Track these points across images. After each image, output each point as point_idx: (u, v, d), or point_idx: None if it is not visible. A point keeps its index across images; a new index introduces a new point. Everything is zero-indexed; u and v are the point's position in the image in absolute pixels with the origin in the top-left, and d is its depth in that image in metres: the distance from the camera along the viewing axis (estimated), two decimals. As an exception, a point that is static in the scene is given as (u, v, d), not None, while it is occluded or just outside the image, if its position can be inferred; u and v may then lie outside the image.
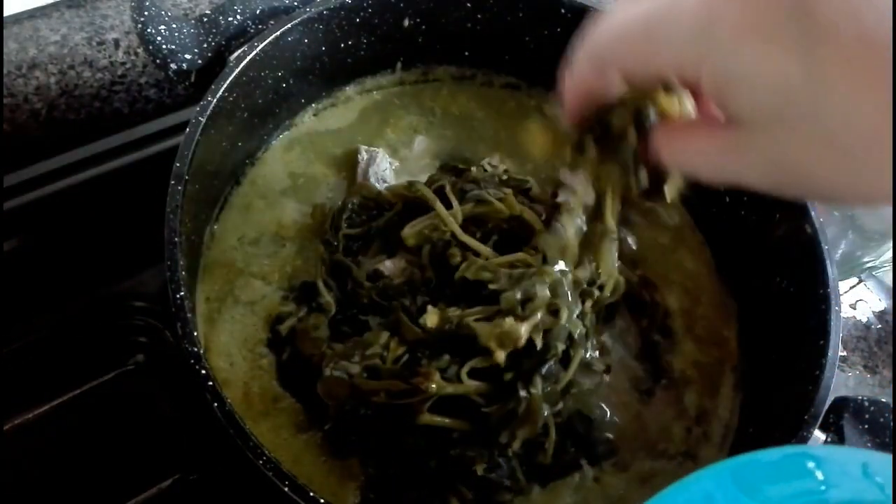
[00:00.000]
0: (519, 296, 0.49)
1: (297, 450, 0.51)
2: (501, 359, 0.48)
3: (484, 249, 0.54)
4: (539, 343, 0.49)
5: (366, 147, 0.63)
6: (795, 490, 0.28)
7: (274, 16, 0.58)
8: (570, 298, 0.51)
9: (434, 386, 0.48)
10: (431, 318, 0.49)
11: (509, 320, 0.48)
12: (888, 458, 0.30)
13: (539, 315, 0.50)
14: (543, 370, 0.50)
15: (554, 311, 0.50)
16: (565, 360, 0.51)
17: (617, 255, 0.54)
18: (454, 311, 0.50)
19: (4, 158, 0.66)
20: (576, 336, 0.51)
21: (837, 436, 0.49)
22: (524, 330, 0.48)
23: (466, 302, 0.51)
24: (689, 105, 0.39)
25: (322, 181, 0.63)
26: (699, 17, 0.30)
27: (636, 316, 0.60)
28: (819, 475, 0.29)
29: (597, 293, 0.55)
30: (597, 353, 0.55)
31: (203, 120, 0.50)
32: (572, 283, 0.52)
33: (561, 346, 0.50)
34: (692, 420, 0.57)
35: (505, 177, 0.61)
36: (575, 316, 0.51)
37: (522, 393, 0.49)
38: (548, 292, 0.50)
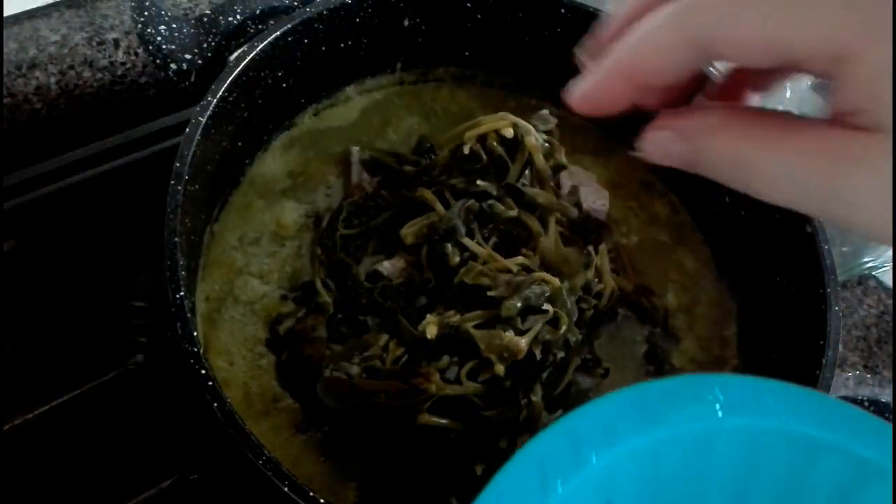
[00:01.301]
0: (519, 304, 0.49)
1: (297, 450, 0.51)
2: (501, 371, 0.49)
3: (483, 251, 0.54)
4: (539, 354, 0.49)
5: (357, 148, 0.63)
6: (693, 414, 0.29)
7: (274, 16, 0.58)
8: (569, 306, 0.51)
9: (434, 387, 0.48)
10: (431, 330, 0.50)
11: (509, 334, 0.49)
12: (786, 385, 0.30)
13: (539, 326, 0.50)
14: (543, 377, 0.50)
15: (553, 322, 0.50)
16: (563, 367, 0.52)
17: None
18: (453, 317, 0.51)
19: (4, 158, 0.66)
20: (572, 343, 0.51)
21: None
22: (524, 343, 0.48)
23: (466, 304, 0.52)
24: None
25: (322, 181, 0.63)
26: None
27: (641, 322, 0.60)
28: (718, 401, 0.29)
29: (593, 301, 0.56)
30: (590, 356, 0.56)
31: (203, 120, 0.50)
32: (570, 290, 0.52)
33: (560, 354, 0.51)
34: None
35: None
36: (573, 324, 0.52)
37: (523, 401, 0.49)
38: (548, 305, 0.50)
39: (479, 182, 0.57)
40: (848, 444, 0.30)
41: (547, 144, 0.59)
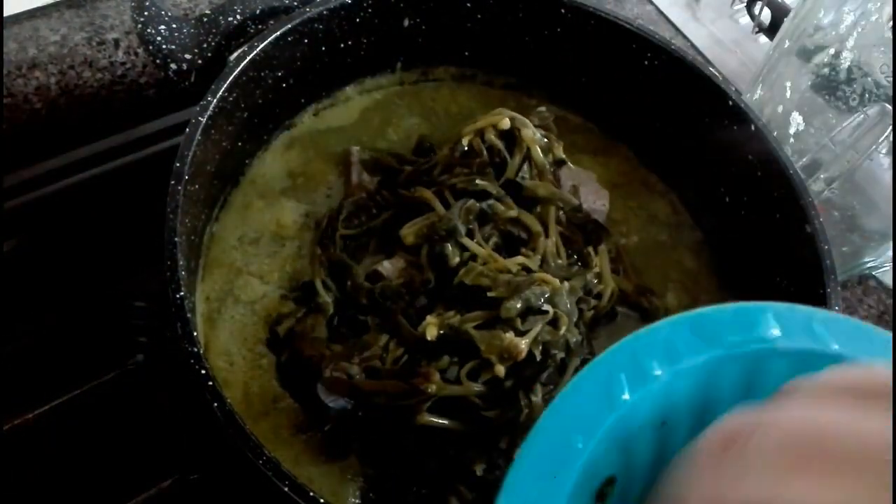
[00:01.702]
0: (519, 305, 0.49)
1: (297, 450, 0.51)
2: (502, 372, 0.49)
3: (483, 252, 0.54)
4: (539, 355, 0.49)
5: (357, 148, 0.63)
6: (748, 338, 0.30)
7: (274, 16, 0.58)
8: (568, 307, 0.51)
9: (434, 387, 0.48)
10: (431, 331, 0.50)
11: (509, 335, 0.49)
12: (833, 315, 0.32)
13: (539, 327, 0.50)
14: (543, 377, 0.50)
15: (553, 323, 0.50)
16: (562, 367, 0.52)
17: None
18: (453, 317, 0.51)
19: (4, 158, 0.66)
20: (572, 344, 0.51)
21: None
22: (524, 345, 0.48)
23: (465, 304, 0.52)
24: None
25: (322, 180, 0.63)
26: None
27: (641, 321, 0.60)
28: (772, 327, 0.31)
29: (593, 301, 0.56)
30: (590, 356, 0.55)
31: (203, 120, 0.50)
32: (570, 291, 0.52)
33: (560, 355, 0.51)
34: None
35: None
36: (573, 325, 0.52)
37: (523, 401, 0.49)
38: (549, 306, 0.50)
39: (478, 181, 0.57)
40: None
41: (545, 140, 0.59)
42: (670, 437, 0.31)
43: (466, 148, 0.59)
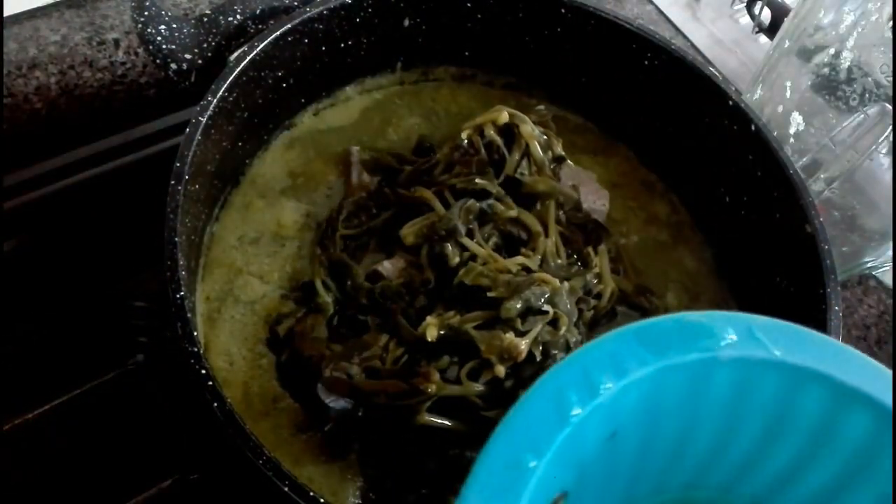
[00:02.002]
0: (519, 305, 0.49)
1: (297, 450, 0.51)
2: (502, 372, 0.49)
3: (483, 252, 0.54)
4: (539, 355, 0.49)
5: (357, 148, 0.63)
6: (692, 347, 0.31)
7: (274, 16, 0.58)
8: (568, 307, 0.51)
9: (434, 387, 0.48)
10: (431, 332, 0.50)
11: (509, 336, 0.49)
12: (772, 321, 0.33)
13: (539, 327, 0.50)
14: (543, 376, 0.50)
15: (553, 323, 0.50)
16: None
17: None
18: (453, 317, 0.51)
19: (4, 158, 0.66)
20: (572, 344, 0.51)
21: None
22: (524, 345, 0.48)
23: (465, 305, 0.52)
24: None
25: (322, 180, 0.63)
26: None
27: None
28: (714, 336, 0.31)
29: (593, 302, 0.56)
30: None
31: (203, 120, 0.50)
32: (570, 291, 0.52)
33: (560, 355, 0.51)
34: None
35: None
36: (572, 325, 0.52)
37: None
38: (548, 307, 0.50)
39: (477, 180, 0.57)
40: (833, 374, 0.32)
41: (544, 137, 0.59)
42: (620, 447, 0.32)
43: (466, 143, 0.59)
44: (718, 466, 0.35)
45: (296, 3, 0.59)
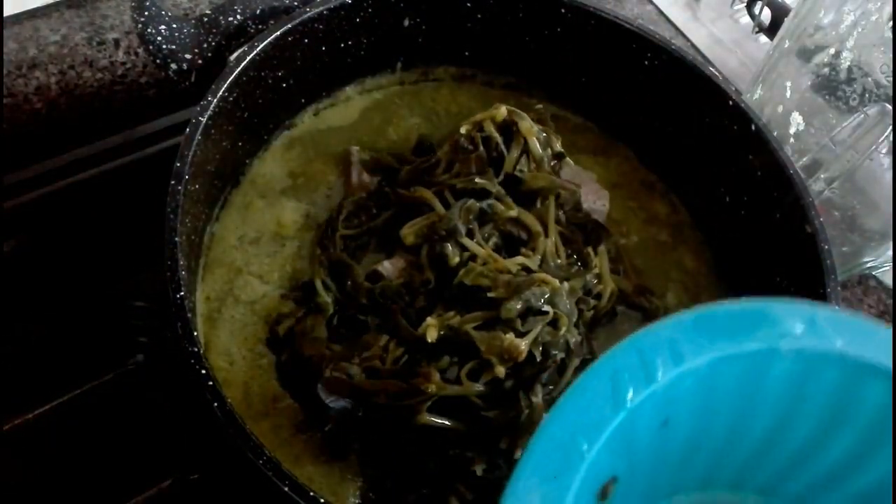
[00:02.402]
0: (519, 306, 0.49)
1: (297, 450, 0.51)
2: (502, 373, 0.49)
3: (483, 252, 0.54)
4: (539, 356, 0.49)
5: (357, 148, 0.63)
6: (751, 337, 0.30)
7: (274, 16, 0.58)
8: (568, 308, 0.51)
9: (434, 387, 0.48)
10: (431, 334, 0.50)
11: (509, 336, 0.49)
12: (836, 312, 0.32)
13: (539, 327, 0.50)
14: (543, 378, 0.50)
15: (553, 323, 0.50)
16: (562, 368, 0.52)
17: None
18: (453, 318, 0.51)
19: (4, 158, 0.66)
20: (571, 344, 0.51)
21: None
22: (524, 345, 0.48)
23: (465, 305, 0.52)
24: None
25: (322, 180, 0.63)
26: None
27: (641, 321, 0.60)
28: (775, 325, 0.31)
29: (592, 302, 0.56)
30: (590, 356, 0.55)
31: (203, 120, 0.50)
32: (569, 291, 0.52)
33: (560, 356, 0.51)
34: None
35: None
36: (572, 325, 0.52)
37: (524, 402, 0.49)
38: (548, 307, 0.50)
39: (477, 180, 0.57)
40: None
41: (543, 134, 0.59)
42: (671, 435, 0.31)
43: (465, 137, 0.59)
44: (768, 462, 0.35)
45: (296, 3, 0.59)
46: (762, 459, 0.35)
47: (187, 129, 0.50)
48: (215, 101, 0.52)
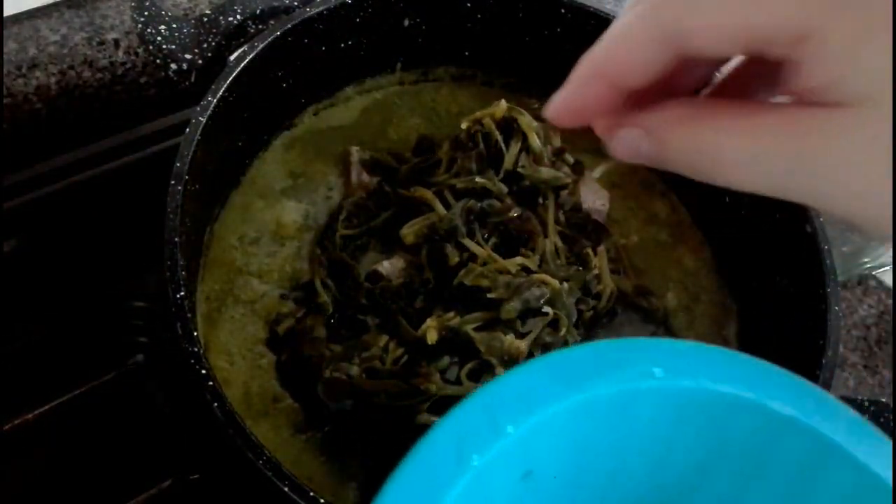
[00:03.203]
0: (519, 307, 0.49)
1: (297, 450, 0.51)
2: (502, 374, 0.49)
3: (483, 252, 0.54)
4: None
5: (357, 148, 0.63)
6: (610, 378, 0.29)
7: (274, 16, 0.58)
8: (568, 308, 0.51)
9: (434, 387, 0.48)
10: (431, 336, 0.50)
11: (510, 337, 0.49)
12: (693, 345, 0.31)
13: (539, 328, 0.50)
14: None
15: (553, 324, 0.50)
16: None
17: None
18: (453, 319, 0.51)
19: (4, 158, 0.66)
20: (571, 345, 0.51)
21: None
22: (525, 347, 0.49)
23: (465, 305, 0.52)
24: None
25: (322, 180, 0.63)
26: None
27: (641, 321, 0.60)
28: (636, 365, 0.29)
29: (592, 302, 0.56)
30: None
31: (203, 120, 0.50)
32: (569, 292, 0.52)
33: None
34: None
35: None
36: (572, 326, 0.52)
37: None
38: (548, 308, 0.50)
39: (478, 179, 0.57)
40: (766, 401, 0.30)
41: (542, 132, 0.60)
42: (539, 486, 0.30)
43: (465, 133, 0.59)
44: (655, 497, 0.34)
45: (296, 3, 0.59)
46: (649, 496, 0.34)
47: (187, 129, 0.50)
48: (215, 101, 0.52)
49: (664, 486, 0.33)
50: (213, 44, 0.57)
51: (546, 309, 0.51)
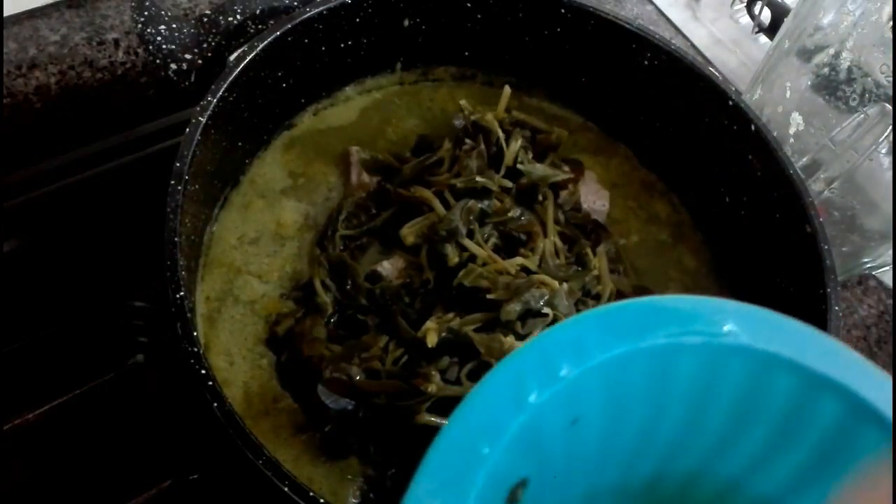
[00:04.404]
0: (518, 308, 0.49)
1: (297, 450, 0.51)
2: None
3: (482, 252, 0.54)
4: None
5: (357, 148, 0.63)
6: (656, 332, 0.30)
7: (274, 16, 0.58)
8: (568, 309, 0.51)
9: (433, 387, 0.48)
10: (431, 338, 0.50)
11: (510, 339, 0.49)
12: (744, 306, 0.32)
13: (539, 330, 0.50)
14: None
15: (553, 325, 0.50)
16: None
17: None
18: (453, 320, 0.50)
19: (4, 158, 0.66)
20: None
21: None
22: None
23: (465, 306, 0.52)
24: None
25: (322, 180, 0.63)
26: None
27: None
28: (679, 321, 0.30)
29: (591, 303, 0.56)
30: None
31: (203, 120, 0.50)
32: (568, 292, 0.52)
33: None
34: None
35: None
36: None
37: None
38: (548, 309, 0.50)
39: (478, 178, 0.57)
40: (803, 361, 0.31)
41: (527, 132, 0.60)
42: (582, 434, 0.31)
43: (461, 123, 0.59)
44: (685, 454, 0.35)
45: (296, 3, 0.59)
46: (680, 451, 0.35)
47: (187, 129, 0.50)
48: (215, 101, 0.52)
49: (694, 441, 0.34)
50: (213, 44, 0.57)
51: (546, 310, 0.51)
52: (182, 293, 0.44)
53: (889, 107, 0.60)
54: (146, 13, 0.55)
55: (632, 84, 0.65)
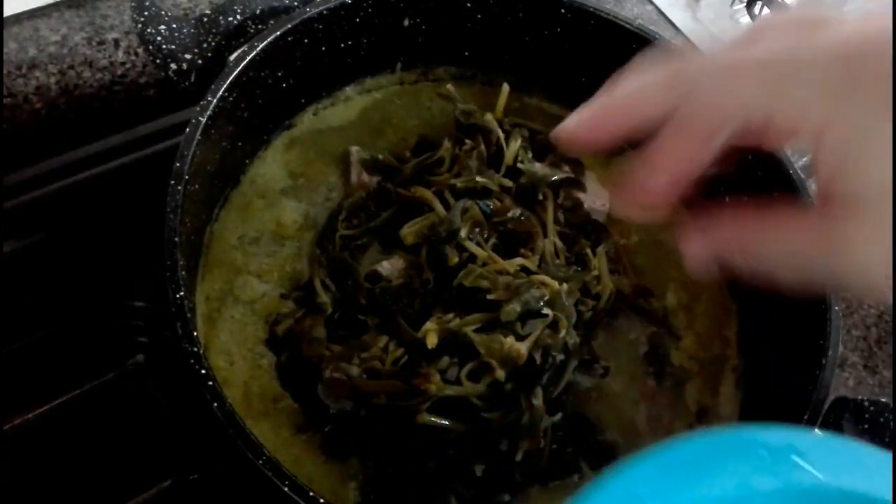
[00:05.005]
0: (518, 309, 0.49)
1: (297, 450, 0.51)
2: (502, 376, 0.49)
3: (482, 253, 0.54)
4: (539, 359, 0.49)
5: (357, 147, 0.63)
6: (722, 476, 0.27)
7: (274, 16, 0.58)
8: (568, 310, 0.51)
9: (434, 387, 0.48)
10: (431, 339, 0.50)
11: (510, 340, 0.49)
12: (816, 435, 0.31)
13: (539, 330, 0.50)
14: (543, 380, 0.50)
15: (553, 325, 0.51)
16: (561, 368, 0.52)
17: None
18: (452, 320, 0.51)
19: (4, 158, 0.66)
20: (570, 346, 0.51)
21: (838, 436, 0.48)
22: (525, 349, 0.49)
23: (465, 306, 0.52)
24: None
25: (322, 180, 0.63)
26: (836, 75, 0.27)
27: (641, 321, 0.60)
28: (750, 462, 0.28)
29: (591, 303, 0.56)
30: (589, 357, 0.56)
31: (203, 120, 0.50)
32: (568, 293, 0.52)
33: (560, 357, 0.51)
34: (693, 417, 0.57)
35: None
36: (571, 327, 0.52)
37: (524, 404, 0.49)
38: (548, 309, 0.50)
39: (478, 178, 0.57)
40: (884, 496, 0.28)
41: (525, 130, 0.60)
42: None
43: (461, 120, 0.59)
44: None
45: (296, 3, 0.59)
46: None
47: (187, 129, 0.50)
48: (215, 101, 0.52)
49: None
50: (213, 44, 0.57)
51: (546, 311, 0.51)
52: (182, 293, 0.44)
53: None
54: (146, 13, 0.55)
55: (632, 84, 0.65)
